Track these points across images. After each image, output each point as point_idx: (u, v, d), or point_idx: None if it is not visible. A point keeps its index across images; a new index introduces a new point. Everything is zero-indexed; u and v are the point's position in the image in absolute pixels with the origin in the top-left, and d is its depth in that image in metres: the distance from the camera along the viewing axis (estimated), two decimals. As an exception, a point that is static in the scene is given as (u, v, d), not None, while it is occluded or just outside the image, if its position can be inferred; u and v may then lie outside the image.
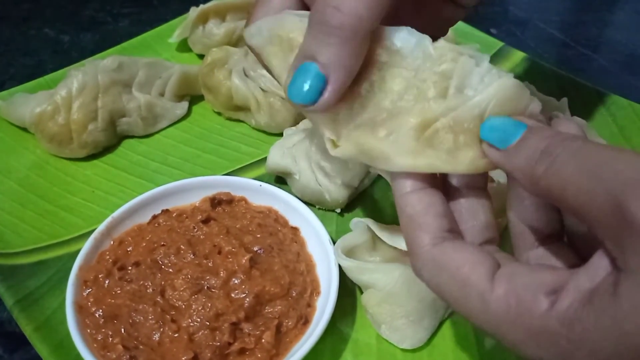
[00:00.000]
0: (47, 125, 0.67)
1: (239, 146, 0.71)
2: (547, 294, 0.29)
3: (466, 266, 0.31)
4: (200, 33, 0.81)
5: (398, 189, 0.35)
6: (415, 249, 0.33)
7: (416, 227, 0.34)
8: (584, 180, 0.27)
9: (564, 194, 0.28)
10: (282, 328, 0.50)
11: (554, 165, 0.29)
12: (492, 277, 0.31)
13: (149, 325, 0.49)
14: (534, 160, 0.30)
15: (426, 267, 0.33)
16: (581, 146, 0.29)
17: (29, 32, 0.94)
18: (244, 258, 0.52)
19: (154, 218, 0.58)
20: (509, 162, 0.32)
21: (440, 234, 0.33)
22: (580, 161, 0.28)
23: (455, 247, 0.33)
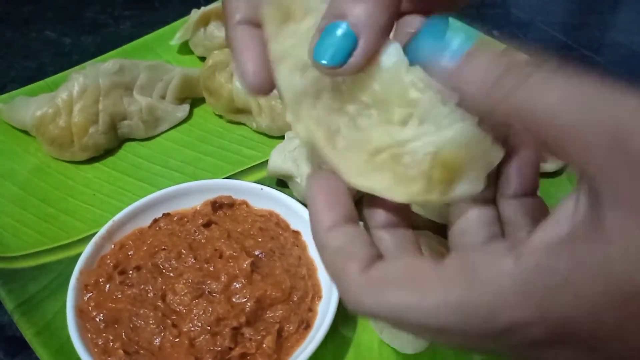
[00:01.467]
0: (48, 128, 0.67)
1: (240, 149, 0.71)
2: (507, 250, 0.26)
3: (406, 272, 0.28)
4: (201, 35, 0.81)
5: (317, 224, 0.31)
6: (347, 281, 0.29)
7: (344, 259, 0.30)
8: (573, 102, 0.23)
9: (538, 119, 0.24)
10: (284, 333, 0.50)
11: (530, 79, 0.24)
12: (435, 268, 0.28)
13: (149, 329, 0.49)
14: (499, 68, 0.25)
15: (363, 296, 0.29)
16: (559, 68, 0.24)
17: (30, 34, 0.93)
18: (245, 262, 0.51)
19: (155, 222, 0.57)
20: (460, 74, 0.27)
21: (369, 261, 0.30)
22: (562, 83, 0.24)
23: (389, 260, 0.30)
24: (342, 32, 0.31)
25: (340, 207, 0.31)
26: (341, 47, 0.31)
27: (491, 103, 0.26)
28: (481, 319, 0.26)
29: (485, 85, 0.26)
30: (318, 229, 0.31)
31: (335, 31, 0.31)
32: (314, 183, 0.32)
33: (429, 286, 0.27)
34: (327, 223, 0.31)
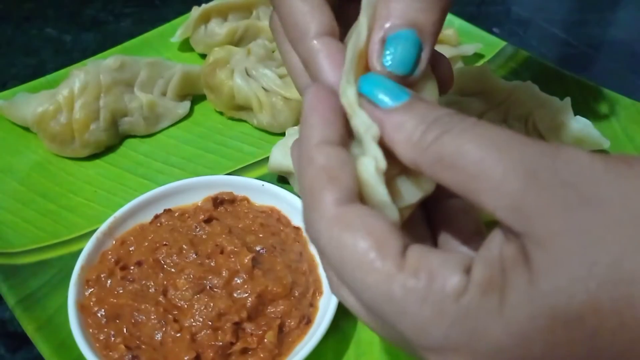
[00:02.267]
0: (49, 124, 0.67)
1: (241, 146, 0.71)
2: (461, 271, 0.26)
3: (376, 233, 0.27)
4: (202, 33, 0.81)
5: (309, 136, 0.30)
6: (318, 203, 0.28)
7: (326, 181, 0.28)
8: (485, 151, 0.25)
9: (457, 165, 0.26)
10: (285, 328, 0.50)
11: (448, 134, 0.27)
12: (403, 252, 0.27)
13: (151, 325, 0.49)
14: (423, 125, 0.27)
15: (327, 226, 0.28)
16: (478, 122, 0.27)
17: (31, 31, 0.94)
18: (246, 258, 0.51)
19: (156, 218, 0.58)
20: (390, 121, 0.28)
21: (350, 195, 0.28)
22: (479, 134, 0.26)
23: (365, 211, 0.28)
24: (411, 40, 0.31)
25: (338, 125, 0.30)
26: (410, 55, 0.31)
27: (415, 157, 0.28)
28: (413, 325, 0.26)
29: (411, 139, 0.28)
30: (309, 141, 0.30)
31: (404, 39, 0.31)
32: (314, 94, 0.31)
33: (383, 265, 0.27)
34: (321, 137, 0.29)
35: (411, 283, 0.26)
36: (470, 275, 0.26)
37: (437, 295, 0.26)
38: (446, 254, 0.27)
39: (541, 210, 0.24)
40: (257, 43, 0.74)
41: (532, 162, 0.25)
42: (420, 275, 0.26)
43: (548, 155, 0.25)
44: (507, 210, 0.25)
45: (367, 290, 0.27)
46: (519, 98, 0.66)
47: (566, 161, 0.25)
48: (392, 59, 0.31)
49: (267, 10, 0.82)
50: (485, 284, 0.25)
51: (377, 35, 0.32)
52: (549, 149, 0.25)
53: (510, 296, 0.25)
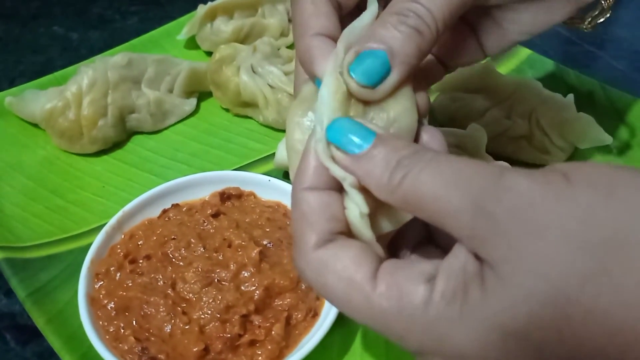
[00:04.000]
0: (58, 121, 0.68)
1: (247, 142, 0.72)
2: (425, 281, 0.30)
3: (350, 266, 0.31)
4: (208, 30, 0.81)
5: (299, 182, 0.34)
6: (301, 247, 0.33)
7: (307, 225, 0.33)
8: (439, 188, 0.29)
9: (421, 203, 0.30)
10: (292, 320, 0.50)
11: (408, 175, 0.30)
12: (375, 274, 0.31)
13: (160, 317, 0.50)
14: (389, 170, 0.31)
15: (309, 268, 0.32)
16: (433, 157, 0.30)
17: (38, 29, 0.94)
18: (253, 251, 0.52)
19: (164, 212, 0.58)
20: (361, 169, 0.32)
21: (328, 237, 0.32)
22: (434, 171, 0.29)
23: (340, 246, 0.32)
24: (380, 58, 0.34)
25: (325, 173, 0.33)
26: (375, 71, 0.34)
27: (387, 194, 0.31)
28: (396, 336, 0.30)
29: (382, 181, 0.31)
30: (297, 185, 0.34)
31: (373, 56, 0.34)
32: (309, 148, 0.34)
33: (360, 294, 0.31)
34: (308, 183, 0.33)
35: (385, 304, 0.30)
36: (435, 285, 0.29)
37: (408, 309, 0.29)
38: (411, 268, 0.31)
39: (489, 239, 0.28)
40: (262, 40, 0.75)
41: (478, 194, 0.28)
42: (391, 295, 0.30)
43: (492, 186, 0.28)
44: (467, 239, 0.29)
45: (354, 315, 0.32)
46: (522, 95, 0.66)
47: (508, 189, 0.28)
48: (357, 67, 0.34)
49: (273, 9, 0.83)
50: (448, 295, 0.29)
51: (354, 48, 0.35)
52: (492, 179, 0.28)
53: (468, 309, 0.28)
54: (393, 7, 0.36)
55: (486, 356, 0.28)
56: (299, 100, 0.38)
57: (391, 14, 0.35)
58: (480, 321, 0.28)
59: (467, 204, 0.28)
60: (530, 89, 0.67)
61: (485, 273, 0.28)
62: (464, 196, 0.28)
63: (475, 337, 0.28)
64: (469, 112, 0.67)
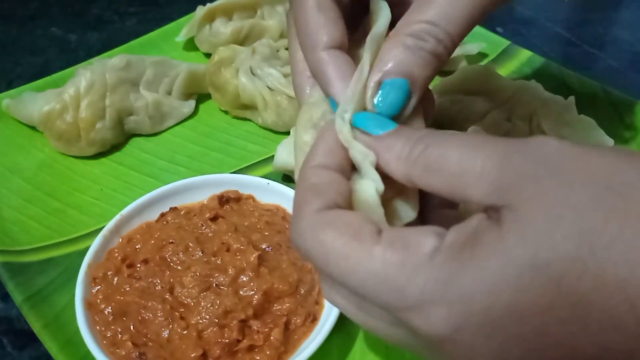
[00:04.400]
0: (55, 123, 0.67)
1: (246, 145, 0.71)
2: (434, 234, 0.29)
3: (352, 224, 0.30)
4: (207, 32, 0.81)
5: (311, 160, 0.34)
6: (303, 211, 0.32)
7: (312, 194, 0.32)
8: (465, 151, 0.29)
9: (443, 168, 0.30)
10: (291, 325, 0.50)
11: (431, 145, 0.31)
12: (379, 233, 0.30)
13: (158, 322, 0.49)
14: (410, 143, 0.32)
15: (308, 229, 0.31)
16: (454, 134, 0.31)
17: (36, 31, 0.94)
18: (252, 255, 0.52)
19: (162, 216, 0.58)
20: (381, 146, 0.33)
21: (332, 205, 0.32)
22: (458, 139, 0.30)
23: (343, 211, 0.32)
24: (403, 89, 0.35)
25: (339, 157, 0.34)
26: (400, 102, 0.35)
27: (406, 170, 0.32)
28: (394, 290, 0.28)
29: (401, 156, 0.32)
30: (308, 163, 0.34)
31: (396, 88, 0.35)
32: (329, 127, 0.35)
33: (361, 247, 0.29)
34: (318, 161, 0.34)
35: (388, 254, 0.29)
36: (444, 237, 0.29)
37: (413, 258, 0.28)
38: (417, 228, 0.30)
39: (515, 183, 0.28)
40: (261, 42, 0.74)
41: (505, 150, 0.29)
42: (396, 245, 0.29)
43: (519, 143, 0.29)
44: (490, 193, 0.28)
45: (350, 272, 0.30)
46: (522, 97, 0.66)
47: (536, 143, 0.28)
48: (383, 102, 0.35)
49: (272, 10, 0.82)
50: (458, 244, 0.28)
51: (375, 76, 0.36)
52: (519, 142, 0.29)
53: (480, 251, 0.27)
54: (409, 26, 0.36)
55: (497, 296, 0.26)
56: (310, 104, 0.39)
57: (408, 35, 0.36)
58: (494, 258, 0.27)
59: (494, 158, 0.28)
60: (530, 91, 0.66)
61: (503, 217, 0.28)
62: (491, 153, 0.29)
63: (486, 276, 0.27)
64: (469, 115, 0.66)
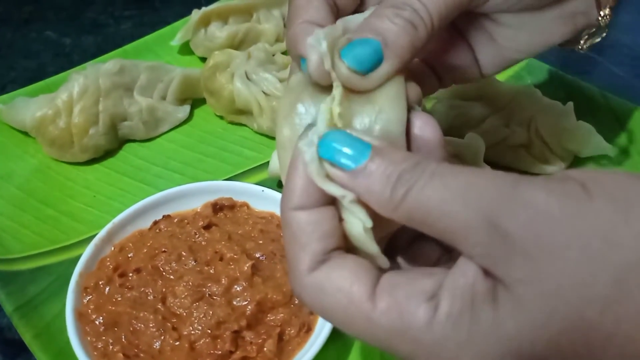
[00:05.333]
0: (48, 129, 0.67)
1: (242, 150, 0.71)
2: (427, 300, 0.28)
3: (346, 287, 0.30)
4: (202, 36, 0.80)
5: (287, 201, 0.32)
6: (295, 272, 0.31)
7: (299, 248, 0.31)
8: (448, 202, 0.27)
9: (427, 220, 0.28)
10: (285, 336, 0.49)
11: (412, 190, 0.28)
12: (374, 293, 0.30)
13: (149, 333, 0.49)
14: (389, 185, 0.29)
15: (305, 292, 0.31)
16: (437, 168, 0.28)
17: (30, 34, 0.93)
18: (245, 265, 0.51)
19: (155, 224, 0.57)
20: (360, 186, 0.30)
21: (321, 257, 0.31)
22: (440, 184, 0.28)
23: (333, 267, 0.31)
24: (373, 46, 0.33)
25: (316, 190, 0.31)
26: (367, 58, 0.33)
27: (390, 211, 0.29)
28: (403, 355, 0.29)
29: (384, 197, 0.29)
30: (286, 204, 0.32)
31: (366, 44, 0.33)
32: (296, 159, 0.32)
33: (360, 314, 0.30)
34: (296, 202, 0.31)
35: (386, 324, 0.29)
36: (438, 304, 0.28)
37: (412, 330, 0.28)
38: (410, 286, 0.29)
39: (504, 258, 0.26)
40: (257, 47, 0.74)
41: (490, 209, 0.26)
42: (391, 315, 0.29)
43: (505, 200, 0.26)
44: (479, 257, 0.27)
45: (359, 336, 0.30)
46: (521, 103, 0.65)
47: (523, 203, 0.26)
48: (349, 52, 0.33)
49: (268, 14, 0.82)
50: (454, 316, 0.27)
51: (347, 36, 0.34)
52: (505, 191, 0.27)
53: (478, 331, 0.27)
54: (389, 1, 0.36)
55: None
56: (287, 92, 0.36)
57: (387, 6, 0.35)
58: (492, 344, 0.27)
59: (479, 220, 0.26)
60: (529, 96, 0.66)
61: (498, 293, 0.27)
62: (475, 212, 0.26)
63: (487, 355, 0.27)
64: (466, 120, 0.66)
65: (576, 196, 0.26)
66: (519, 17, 0.44)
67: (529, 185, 0.26)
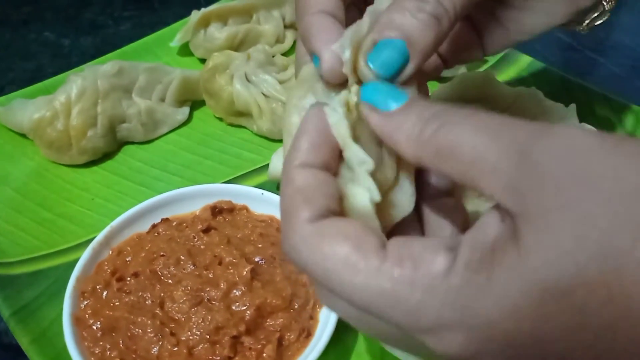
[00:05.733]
0: (46, 131, 0.66)
1: (241, 152, 0.70)
2: (445, 249, 0.27)
3: (352, 236, 0.28)
4: (201, 37, 0.80)
5: (293, 158, 0.31)
6: (294, 222, 0.29)
7: (301, 200, 0.29)
8: (480, 136, 0.26)
9: (454, 154, 0.27)
10: (284, 341, 0.49)
11: (444, 126, 0.28)
12: (384, 246, 0.28)
13: (147, 338, 0.48)
14: (421, 122, 0.28)
15: (304, 241, 0.28)
16: (471, 111, 0.28)
17: (29, 35, 0.93)
18: (245, 269, 0.51)
19: (154, 227, 0.57)
20: (391, 125, 0.30)
21: (325, 212, 0.29)
22: (474, 120, 0.27)
23: (339, 219, 0.29)
24: (399, 48, 0.33)
25: (324, 151, 0.31)
26: (394, 63, 0.33)
27: (417, 152, 0.29)
28: (406, 312, 0.26)
29: (411, 137, 0.29)
30: (291, 162, 0.30)
31: (392, 46, 0.33)
32: (312, 117, 0.31)
33: (367, 263, 0.27)
34: (303, 159, 0.30)
35: (397, 272, 0.26)
36: (457, 254, 0.26)
37: (425, 278, 0.26)
38: (427, 239, 0.28)
39: (534, 189, 0.25)
40: (257, 48, 0.73)
41: (524, 141, 0.25)
42: (404, 263, 0.27)
43: (541, 134, 0.25)
44: (503, 191, 0.26)
45: (357, 291, 0.27)
46: (523, 105, 0.65)
47: (559, 136, 0.25)
48: (376, 58, 0.33)
49: (268, 15, 0.81)
50: (474, 263, 0.26)
51: (372, 36, 0.33)
52: (542, 128, 0.26)
53: (499, 272, 0.25)
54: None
55: (518, 323, 0.25)
56: (298, 83, 0.36)
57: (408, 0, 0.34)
58: (516, 282, 0.25)
59: (511, 150, 0.25)
60: (531, 98, 0.65)
61: (522, 231, 0.25)
62: (508, 142, 0.25)
63: (507, 301, 0.25)
64: (468, 123, 0.65)
65: (614, 136, 0.25)
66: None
67: (566, 126, 0.26)
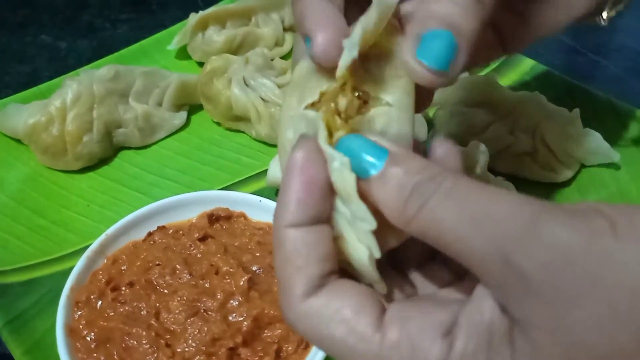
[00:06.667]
0: (41, 136, 0.65)
1: (239, 158, 0.69)
2: (442, 336, 0.27)
3: (350, 314, 0.28)
4: (199, 40, 0.79)
5: (280, 218, 0.29)
6: (288, 297, 0.29)
7: (293, 270, 0.28)
8: (462, 228, 0.25)
9: (441, 239, 0.26)
10: (282, 353, 0.48)
11: (426, 207, 0.26)
12: (382, 322, 0.28)
13: (142, 350, 0.47)
14: (403, 197, 0.27)
15: (300, 320, 0.28)
16: (453, 186, 0.26)
17: (25, 38, 0.92)
18: (242, 279, 0.49)
19: (150, 235, 0.55)
20: (374, 194, 0.28)
21: (318, 282, 0.28)
22: (455, 205, 0.26)
23: (334, 292, 0.28)
24: (448, 40, 0.31)
25: (313, 204, 0.29)
26: (447, 56, 0.31)
27: (403, 223, 0.28)
28: None
29: (397, 209, 0.27)
30: (279, 221, 0.29)
31: (440, 38, 0.31)
32: (297, 162, 0.29)
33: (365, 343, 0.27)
34: (290, 220, 0.29)
35: (396, 356, 0.27)
36: (453, 341, 0.26)
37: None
38: (424, 318, 0.28)
39: (519, 297, 0.25)
40: (255, 52, 0.72)
41: (506, 243, 0.25)
42: (403, 349, 0.27)
43: (523, 234, 0.24)
44: (494, 287, 0.26)
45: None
46: (526, 109, 0.64)
47: (543, 242, 0.24)
48: (428, 53, 0.31)
49: (267, 18, 0.80)
50: (469, 356, 0.26)
51: (414, 30, 0.31)
52: (524, 225, 0.24)
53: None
54: None
55: None
56: (291, 87, 0.33)
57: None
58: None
59: (493, 252, 0.25)
60: (534, 103, 0.64)
61: (515, 335, 0.25)
62: (490, 243, 0.25)
63: None
64: (469, 128, 0.64)
65: (603, 237, 0.24)
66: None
67: (550, 219, 0.24)
